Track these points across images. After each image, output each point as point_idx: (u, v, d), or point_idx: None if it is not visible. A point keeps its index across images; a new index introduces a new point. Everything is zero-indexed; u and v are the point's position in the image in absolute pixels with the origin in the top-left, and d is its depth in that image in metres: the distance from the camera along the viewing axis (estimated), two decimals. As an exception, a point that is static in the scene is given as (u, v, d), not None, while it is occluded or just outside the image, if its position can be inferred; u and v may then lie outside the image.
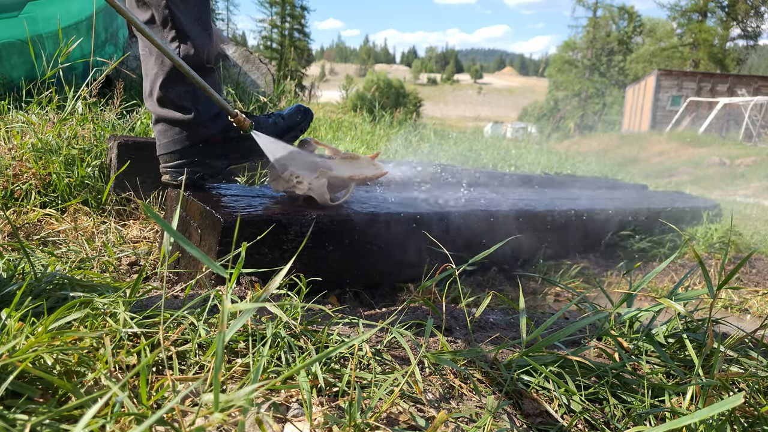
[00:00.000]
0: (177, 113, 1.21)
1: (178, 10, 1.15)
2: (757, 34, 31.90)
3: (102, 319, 0.70)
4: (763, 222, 3.59)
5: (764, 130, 19.56)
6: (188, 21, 1.17)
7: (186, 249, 0.50)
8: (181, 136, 1.23)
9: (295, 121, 1.36)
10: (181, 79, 1.20)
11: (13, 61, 2.40)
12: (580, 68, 40.87)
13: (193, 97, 1.22)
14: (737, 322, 1.61)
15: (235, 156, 1.32)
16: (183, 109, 1.21)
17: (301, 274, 1.03)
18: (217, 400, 0.42)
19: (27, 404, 0.50)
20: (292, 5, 36.51)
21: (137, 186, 1.56)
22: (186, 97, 1.21)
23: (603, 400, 0.75)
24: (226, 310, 0.45)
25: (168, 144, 1.24)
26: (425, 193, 1.75)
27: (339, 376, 0.68)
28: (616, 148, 17.64)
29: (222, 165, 1.30)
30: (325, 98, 12.83)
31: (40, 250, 1.18)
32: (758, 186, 9.81)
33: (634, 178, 7.69)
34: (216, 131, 1.26)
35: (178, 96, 1.20)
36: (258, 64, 4.52)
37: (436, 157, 4.08)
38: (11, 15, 2.38)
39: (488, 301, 0.84)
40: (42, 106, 1.96)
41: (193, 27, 1.18)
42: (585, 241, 2.09)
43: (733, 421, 0.66)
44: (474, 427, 0.62)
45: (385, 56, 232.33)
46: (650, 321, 0.95)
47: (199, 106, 1.22)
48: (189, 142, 1.24)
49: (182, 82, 1.20)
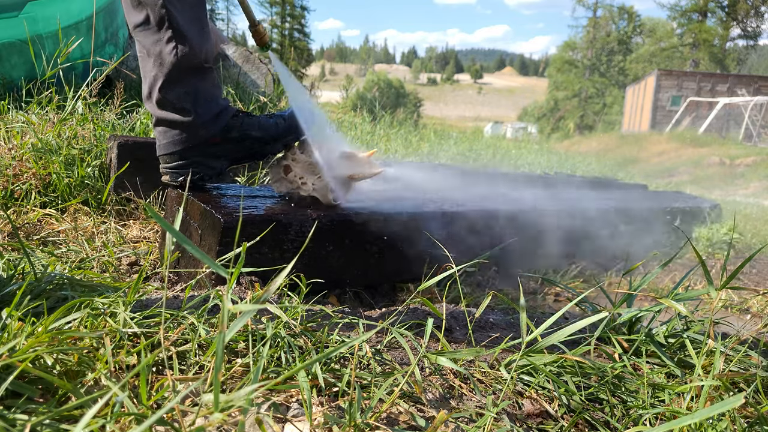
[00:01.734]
0: (176, 115, 1.21)
1: (175, 10, 1.14)
2: (757, 34, 31.90)
3: (102, 319, 0.70)
4: (763, 222, 3.59)
5: (764, 130, 19.56)
6: (185, 20, 1.16)
7: (187, 249, 0.50)
8: (180, 138, 1.23)
9: (296, 123, 1.36)
10: (180, 81, 1.19)
11: (13, 61, 2.40)
12: (580, 68, 40.88)
13: (193, 99, 1.21)
14: (737, 322, 1.61)
15: (234, 157, 1.32)
16: (182, 111, 1.20)
17: (301, 274, 1.03)
18: (217, 400, 0.42)
19: (27, 404, 0.50)
20: (292, 5, 36.51)
21: (137, 186, 1.56)
22: (185, 98, 1.20)
23: (603, 400, 0.75)
24: (227, 310, 0.45)
25: (168, 145, 1.24)
26: (425, 193, 1.75)
27: (339, 376, 0.68)
28: (616, 148, 17.65)
29: (221, 166, 1.30)
30: (325, 98, 12.83)
31: (40, 250, 1.18)
32: (758, 186, 9.81)
33: (633, 178, 7.69)
34: (215, 132, 1.26)
35: (177, 98, 1.19)
36: (258, 64, 4.52)
37: (436, 157, 4.08)
38: (11, 15, 2.38)
39: (488, 301, 0.84)
40: (42, 106, 1.96)
41: (190, 26, 1.17)
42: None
43: (733, 421, 0.66)
44: (474, 427, 0.62)
45: (385, 56, 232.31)
46: (650, 321, 0.95)
47: (198, 108, 1.22)
48: (188, 143, 1.23)
49: (181, 84, 1.19)
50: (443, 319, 0.75)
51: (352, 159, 1.35)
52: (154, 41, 1.16)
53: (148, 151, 1.53)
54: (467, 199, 1.76)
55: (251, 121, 1.31)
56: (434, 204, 1.57)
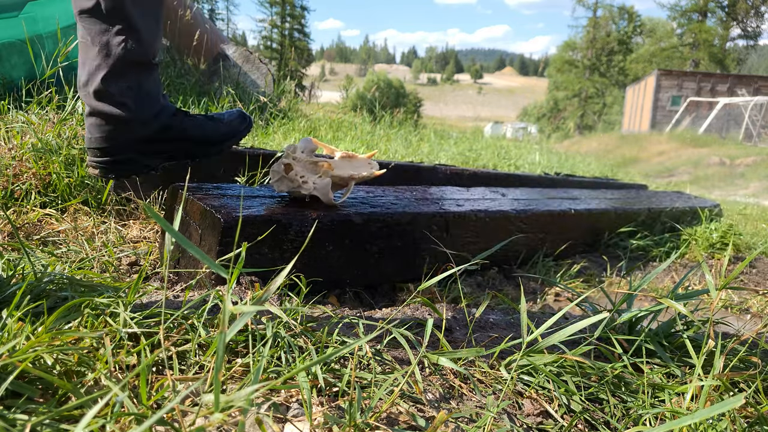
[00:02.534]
0: (115, 109, 1.13)
1: (130, 1, 1.07)
2: (757, 34, 31.91)
3: (102, 319, 0.70)
4: (763, 222, 3.59)
5: (764, 130, 19.57)
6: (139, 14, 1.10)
7: (187, 249, 0.50)
8: (115, 133, 1.15)
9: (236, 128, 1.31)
10: (124, 75, 1.12)
11: (13, 61, 2.40)
12: (580, 68, 40.89)
13: (135, 95, 1.14)
14: (737, 322, 1.61)
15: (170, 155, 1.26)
16: (122, 105, 1.13)
17: (301, 274, 1.03)
18: (218, 400, 0.42)
19: (27, 404, 0.50)
20: (292, 5, 36.52)
21: (137, 186, 1.56)
22: (127, 93, 1.13)
23: (603, 400, 0.75)
24: (227, 310, 0.45)
25: (100, 139, 1.16)
26: (426, 193, 1.75)
27: (339, 376, 0.68)
28: (616, 148, 17.65)
29: (154, 164, 1.25)
30: (325, 98, 12.83)
31: (40, 250, 1.18)
32: (758, 186, 9.81)
33: (633, 178, 7.70)
34: (153, 131, 1.20)
35: (119, 92, 1.12)
36: (258, 64, 4.51)
37: (436, 157, 4.08)
38: (11, 15, 2.38)
39: (488, 301, 0.84)
40: (42, 106, 1.96)
41: (143, 20, 1.11)
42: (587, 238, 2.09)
43: (733, 421, 0.66)
44: (474, 427, 0.62)
45: (385, 56, 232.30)
46: (650, 321, 0.95)
47: (138, 104, 1.15)
48: (123, 139, 1.17)
49: (125, 78, 1.12)
50: (443, 319, 0.75)
51: (352, 159, 1.35)
52: (102, 30, 1.08)
53: (148, 151, 1.53)
54: (465, 199, 1.76)
55: (190, 122, 1.26)
56: (435, 205, 1.57)
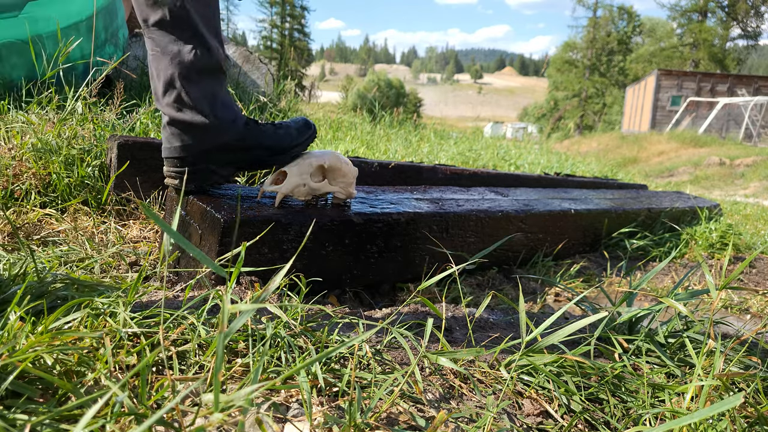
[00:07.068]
0: (196, 116, 1.15)
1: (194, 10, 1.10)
2: (757, 34, 31.90)
3: (102, 319, 0.70)
4: (762, 222, 3.59)
5: (764, 130, 19.57)
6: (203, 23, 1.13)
7: (186, 250, 0.50)
8: (194, 142, 1.17)
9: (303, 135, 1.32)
10: (198, 83, 1.15)
11: (13, 61, 2.39)
12: (580, 68, 40.87)
13: (211, 102, 1.16)
14: (737, 322, 1.61)
15: (241, 165, 1.28)
16: (201, 112, 1.15)
17: (301, 274, 1.03)
18: (218, 400, 0.42)
19: (27, 404, 0.50)
20: (292, 5, 36.51)
21: (137, 186, 1.56)
22: (203, 101, 1.15)
23: (603, 400, 0.75)
24: (227, 310, 0.45)
25: (178, 149, 1.18)
26: (426, 194, 1.75)
27: (339, 376, 0.68)
28: (616, 148, 17.65)
29: (228, 173, 1.26)
30: (325, 98, 12.83)
31: (40, 250, 1.18)
32: (758, 186, 9.81)
33: (633, 178, 7.69)
34: (231, 138, 1.21)
35: (197, 99, 1.15)
36: (258, 64, 4.51)
37: (436, 157, 4.08)
38: (11, 15, 2.38)
39: (488, 301, 0.84)
40: (42, 106, 1.96)
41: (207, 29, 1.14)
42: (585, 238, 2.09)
43: (733, 421, 0.66)
44: (474, 427, 0.62)
45: (385, 56, 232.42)
46: (650, 321, 0.95)
47: (216, 112, 1.17)
48: (202, 147, 1.18)
49: (199, 86, 1.15)
50: (443, 319, 0.75)
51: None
52: (171, 40, 1.11)
53: (147, 152, 1.53)
54: (465, 199, 1.76)
55: (263, 130, 1.27)
56: (435, 205, 1.57)
